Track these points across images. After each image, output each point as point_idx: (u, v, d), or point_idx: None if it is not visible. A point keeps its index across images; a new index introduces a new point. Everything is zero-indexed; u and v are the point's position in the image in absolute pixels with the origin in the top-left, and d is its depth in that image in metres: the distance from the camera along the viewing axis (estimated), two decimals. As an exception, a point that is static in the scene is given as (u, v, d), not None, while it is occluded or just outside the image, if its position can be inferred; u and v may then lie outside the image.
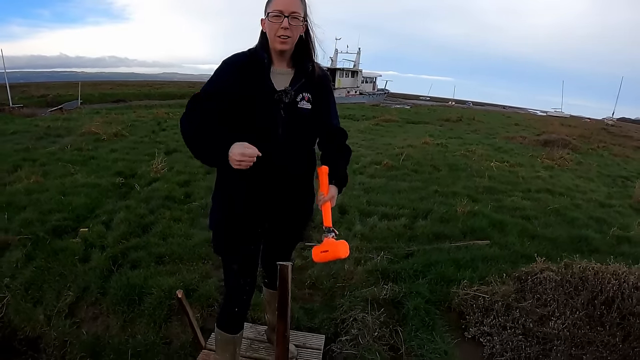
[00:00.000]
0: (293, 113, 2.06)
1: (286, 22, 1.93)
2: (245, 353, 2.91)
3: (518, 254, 4.70)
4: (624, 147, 20.14)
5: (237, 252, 2.27)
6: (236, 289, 2.34)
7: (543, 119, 40.98)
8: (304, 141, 2.18)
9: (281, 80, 2.05)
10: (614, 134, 30.04)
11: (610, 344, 3.27)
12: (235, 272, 2.30)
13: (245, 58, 2.06)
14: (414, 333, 3.30)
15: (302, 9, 2.01)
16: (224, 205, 2.23)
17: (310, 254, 4.25)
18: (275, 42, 1.98)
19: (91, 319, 3.64)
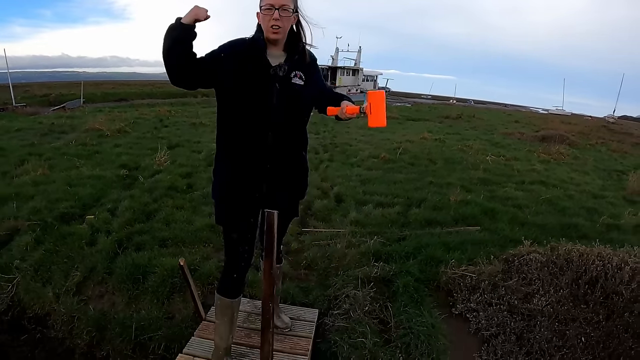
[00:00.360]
0: (287, 86, 2.27)
1: (277, 14, 2.14)
2: (243, 324, 3.11)
3: (507, 239, 4.88)
4: (623, 143, 20.26)
5: (237, 222, 2.46)
6: (235, 256, 2.53)
7: (544, 117, 41.01)
8: (296, 114, 2.38)
9: (276, 60, 2.26)
10: (614, 131, 30.01)
11: (594, 321, 3.45)
12: (235, 241, 2.49)
13: (244, 41, 2.28)
14: (403, 308, 3.50)
15: (292, 1, 2.22)
16: (223, 173, 2.44)
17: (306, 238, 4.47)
18: (268, 32, 2.19)
19: (98, 297, 3.86)
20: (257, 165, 2.35)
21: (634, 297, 3.54)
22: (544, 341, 3.31)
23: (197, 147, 9.56)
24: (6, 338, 3.87)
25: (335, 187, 6.94)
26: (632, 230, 5.87)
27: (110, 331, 3.45)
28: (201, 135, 11.37)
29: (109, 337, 3.44)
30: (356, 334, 3.20)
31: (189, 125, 13.34)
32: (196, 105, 23.75)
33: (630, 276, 3.67)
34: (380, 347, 3.16)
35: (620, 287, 3.60)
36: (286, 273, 4.01)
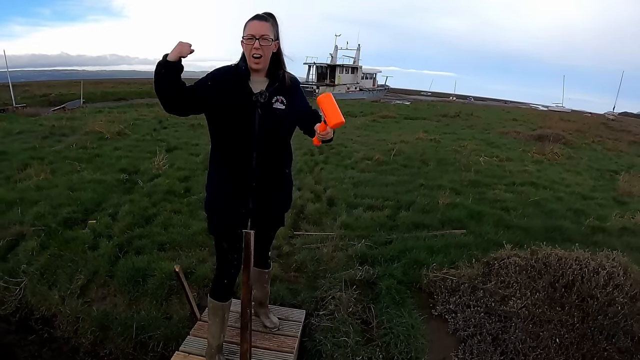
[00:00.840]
0: (268, 112, 2.50)
1: (257, 44, 2.38)
2: (235, 324, 3.34)
3: (491, 242, 5.06)
4: (619, 141, 20.25)
5: (226, 233, 2.72)
6: (225, 263, 2.80)
7: (543, 114, 40.90)
8: (278, 137, 2.61)
9: (258, 87, 2.50)
10: (613, 128, 29.89)
11: (569, 323, 3.65)
12: (225, 250, 2.75)
13: (230, 69, 2.52)
14: (385, 309, 3.74)
15: (272, 31, 2.44)
16: (214, 189, 2.70)
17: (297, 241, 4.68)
18: (250, 61, 2.44)
19: (100, 299, 4.12)
20: (243, 183, 2.59)
21: (609, 301, 3.73)
22: (519, 342, 3.51)
23: (195, 150, 9.75)
24: (14, 338, 4.12)
25: (328, 190, 7.14)
26: (617, 233, 5.98)
27: (113, 331, 3.70)
28: (199, 137, 11.54)
29: (112, 336, 3.70)
30: (340, 333, 3.45)
31: (188, 126, 13.49)
32: (195, 105, 23.88)
33: (605, 280, 3.86)
34: (361, 345, 3.41)
35: (596, 291, 3.79)
36: (277, 275, 4.25)
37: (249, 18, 2.46)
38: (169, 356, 3.25)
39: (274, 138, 2.58)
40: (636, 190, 8.64)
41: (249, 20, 2.44)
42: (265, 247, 3.09)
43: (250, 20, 2.44)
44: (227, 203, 2.66)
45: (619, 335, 3.57)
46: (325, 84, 42.52)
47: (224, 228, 2.72)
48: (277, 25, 2.50)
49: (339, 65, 44.40)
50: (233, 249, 2.74)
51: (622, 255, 4.32)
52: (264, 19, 2.44)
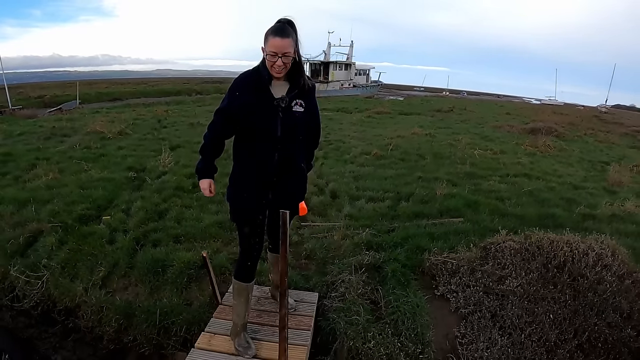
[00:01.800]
0: (289, 115, 2.75)
1: (280, 62, 2.60)
2: (254, 307, 3.61)
3: (487, 229, 5.31)
4: (611, 133, 20.62)
5: (248, 220, 2.98)
6: (248, 247, 3.06)
7: (536, 108, 41.15)
8: (298, 137, 2.87)
9: (279, 90, 2.73)
10: (605, 121, 30.31)
11: (561, 301, 3.94)
12: (247, 234, 3.01)
13: (251, 75, 2.75)
14: (391, 291, 4.02)
15: (293, 45, 2.63)
16: (237, 182, 2.96)
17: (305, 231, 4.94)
18: (272, 71, 2.66)
19: (122, 289, 4.36)
20: (265, 179, 2.85)
21: (598, 279, 4.03)
22: (515, 317, 3.81)
23: (197, 148, 9.76)
24: (35, 331, 4.36)
25: (330, 183, 7.38)
26: (606, 220, 6.21)
27: (137, 318, 3.94)
28: (200, 135, 11.57)
29: (136, 323, 3.93)
30: (351, 313, 3.73)
31: (187, 125, 13.73)
32: (191, 104, 24.05)
33: (594, 260, 4.17)
34: (372, 323, 3.70)
35: (586, 270, 4.09)
36: (289, 263, 4.49)
37: (271, 31, 2.62)
38: (191, 339, 3.51)
39: (294, 138, 2.83)
40: (626, 179, 8.92)
41: (272, 36, 2.60)
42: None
43: (272, 37, 2.59)
44: (249, 194, 2.91)
45: (608, 311, 3.85)
46: (319, 80, 42.67)
47: (246, 216, 2.98)
48: (297, 34, 2.68)
49: (333, 62, 44.49)
50: (255, 234, 3.01)
51: (610, 239, 4.59)
52: (286, 35, 2.59)
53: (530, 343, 3.64)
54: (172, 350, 3.81)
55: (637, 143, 18.02)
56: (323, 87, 41.08)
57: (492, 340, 3.66)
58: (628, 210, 6.66)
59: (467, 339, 3.71)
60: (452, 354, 3.61)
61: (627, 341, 3.73)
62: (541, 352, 3.59)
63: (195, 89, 39.92)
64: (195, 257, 4.43)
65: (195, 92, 37.53)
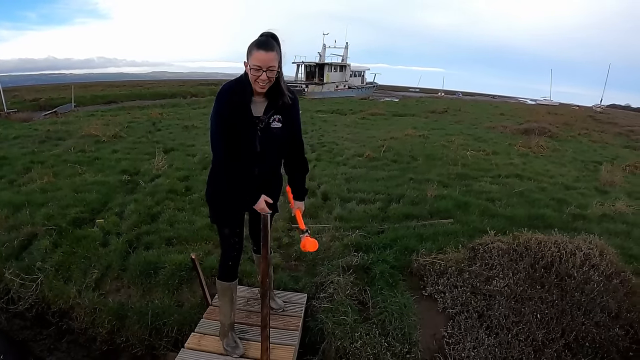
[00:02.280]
0: (267, 132, 2.84)
1: (264, 75, 2.63)
2: (243, 307, 3.71)
3: (476, 230, 5.37)
4: (606, 133, 20.76)
5: (227, 220, 3.09)
6: (228, 247, 3.17)
7: (531, 108, 41.26)
8: (276, 151, 2.97)
9: (259, 107, 2.81)
10: (600, 120, 30.44)
11: (548, 300, 4.00)
12: (226, 235, 3.12)
13: (233, 89, 2.78)
14: (380, 291, 4.09)
15: (277, 59, 2.65)
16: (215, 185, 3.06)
17: (295, 233, 5.01)
18: (255, 86, 2.70)
19: (115, 291, 4.44)
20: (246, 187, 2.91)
21: (585, 279, 4.08)
22: (502, 317, 3.87)
23: (191, 151, 10.03)
24: (30, 333, 4.42)
25: (322, 185, 7.46)
26: (596, 220, 6.29)
27: (129, 319, 4.03)
28: (194, 138, 11.83)
29: (128, 324, 4.02)
30: (339, 313, 3.79)
31: (182, 128, 13.77)
32: (186, 106, 24.03)
33: (582, 260, 4.22)
34: (359, 323, 3.76)
35: (573, 270, 4.15)
36: (278, 264, 4.60)
37: (255, 44, 2.63)
38: (182, 340, 3.56)
39: (273, 153, 2.95)
40: (618, 179, 8.97)
41: (256, 49, 2.61)
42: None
43: (256, 50, 2.60)
44: (228, 197, 2.99)
45: (596, 311, 3.91)
46: (314, 82, 42.82)
47: (226, 217, 3.09)
48: (280, 47, 2.72)
49: (328, 63, 44.66)
50: (234, 234, 3.11)
51: (599, 239, 4.66)
52: (270, 49, 2.61)
53: (518, 343, 3.70)
54: (164, 351, 3.89)
55: (631, 143, 18.13)
56: (318, 89, 41.23)
57: (479, 340, 3.73)
58: (619, 210, 6.72)
59: (454, 339, 3.78)
60: (439, 354, 3.68)
61: (615, 340, 3.80)
62: (529, 352, 3.65)
63: (190, 91, 39.96)
64: (186, 259, 4.48)
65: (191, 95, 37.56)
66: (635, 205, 7.03)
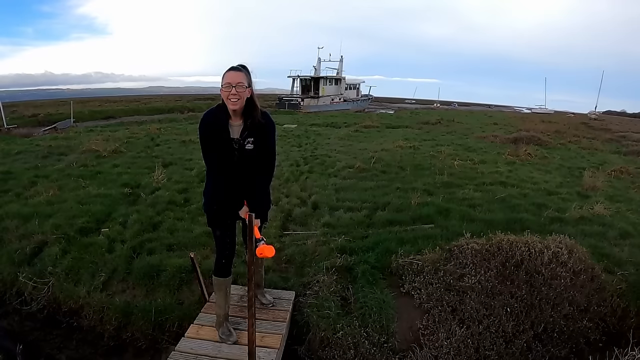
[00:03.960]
0: (242, 151, 3.31)
1: (234, 90, 3.09)
2: (237, 303, 4.13)
3: (455, 233, 5.70)
4: (596, 140, 21.02)
5: (219, 224, 3.58)
6: (221, 247, 3.65)
7: (524, 117, 41.27)
8: (251, 167, 3.40)
9: (236, 129, 3.28)
10: (593, 127, 30.64)
11: (517, 295, 4.41)
12: (219, 236, 3.61)
13: (213, 114, 3.27)
14: (361, 289, 4.53)
15: (246, 79, 3.14)
16: (209, 195, 3.52)
17: (286, 239, 5.40)
18: (229, 103, 3.16)
19: (121, 291, 4.87)
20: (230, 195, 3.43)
21: (553, 275, 4.49)
22: (474, 311, 4.28)
23: (189, 165, 10.39)
24: (40, 334, 4.80)
25: (312, 195, 7.84)
26: (573, 222, 6.59)
27: (135, 316, 4.47)
28: (192, 152, 12.16)
29: (134, 321, 4.47)
30: (324, 308, 4.25)
31: (179, 143, 14.12)
32: (183, 121, 24.49)
33: (550, 258, 4.64)
34: (341, 316, 4.22)
35: (541, 268, 4.56)
36: (269, 266, 5.01)
37: (226, 70, 3.14)
38: (183, 333, 3.95)
39: (249, 168, 3.39)
40: (600, 184, 9.24)
41: (226, 72, 3.12)
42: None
43: (226, 72, 3.12)
44: (219, 204, 3.48)
45: (564, 304, 4.32)
46: (310, 96, 43.06)
47: (218, 221, 3.57)
48: (250, 74, 3.22)
49: (323, 77, 45.01)
50: (226, 235, 3.61)
51: (569, 239, 5.07)
52: (238, 70, 3.13)
53: (489, 334, 4.10)
54: (166, 345, 4.28)
55: (621, 148, 18.36)
56: (314, 103, 41.44)
57: (452, 331, 4.13)
58: (597, 212, 7.02)
59: (428, 330, 4.20)
60: (414, 344, 4.09)
61: (584, 332, 4.21)
62: (499, 343, 4.05)
63: (187, 106, 40.25)
64: (186, 262, 4.90)
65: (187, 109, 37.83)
66: (614, 208, 7.38)
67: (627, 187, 9.90)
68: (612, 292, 4.58)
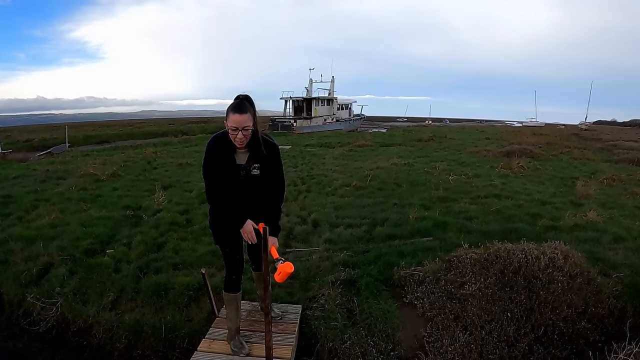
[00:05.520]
0: (249, 177, 3.43)
1: (240, 134, 3.17)
2: (246, 318, 4.23)
3: (453, 245, 5.84)
4: (588, 150, 21.36)
5: (227, 241, 3.65)
6: (231, 263, 3.73)
7: (516, 131, 41.65)
8: (258, 190, 3.51)
9: (242, 157, 3.39)
10: (584, 138, 31.21)
11: (517, 300, 4.53)
12: (228, 253, 3.70)
13: (220, 141, 3.34)
14: (365, 300, 4.64)
15: (251, 119, 3.18)
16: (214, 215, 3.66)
17: (289, 256, 5.52)
18: (235, 142, 3.25)
19: (130, 310, 4.96)
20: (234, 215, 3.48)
21: (550, 279, 4.63)
22: (476, 317, 4.39)
23: (188, 187, 10.56)
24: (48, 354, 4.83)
25: (312, 214, 7.98)
26: (568, 230, 6.76)
27: (145, 333, 4.55)
28: (189, 175, 12.35)
29: (144, 338, 4.54)
30: (330, 319, 4.37)
31: (176, 166, 14.28)
32: (178, 145, 24.68)
33: (546, 263, 4.77)
34: (348, 327, 4.34)
35: (539, 273, 4.69)
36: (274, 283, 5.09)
37: (231, 108, 3.16)
38: (192, 350, 4.03)
39: (256, 193, 3.51)
40: (593, 192, 9.46)
41: (232, 113, 3.14)
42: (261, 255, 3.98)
43: (232, 114, 3.13)
44: (226, 223, 3.55)
45: (562, 307, 4.44)
46: (302, 117, 43.33)
47: (226, 238, 3.65)
48: (254, 107, 3.28)
49: (315, 98, 45.38)
50: (235, 251, 3.69)
51: (564, 245, 5.21)
52: (244, 111, 3.13)
53: (491, 339, 4.20)
54: (176, 361, 4.38)
55: (612, 157, 18.68)
56: (307, 124, 41.66)
57: (455, 337, 4.23)
58: (590, 219, 7.19)
59: (433, 337, 4.30)
60: (420, 351, 4.19)
61: (584, 333, 4.32)
62: (502, 347, 4.14)
63: (181, 130, 40.48)
64: (193, 280, 5.03)
65: (182, 133, 38.01)
66: (607, 214, 7.56)
67: (619, 194, 10.11)
68: (608, 294, 4.70)
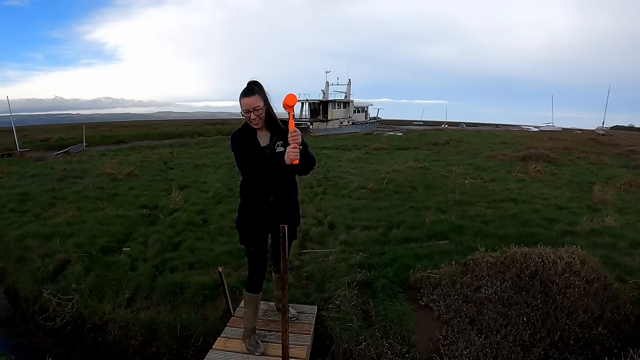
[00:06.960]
0: (275, 155, 3.39)
1: (252, 115, 3.28)
2: (262, 317, 4.21)
3: (469, 248, 5.83)
4: (605, 155, 21.04)
5: (252, 241, 3.64)
6: (255, 264, 3.70)
7: (532, 135, 41.38)
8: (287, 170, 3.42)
9: (264, 139, 3.44)
10: (601, 143, 30.75)
11: (533, 304, 4.48)
12: (253, 253, 3.66)
13: (241, 131, 3.44)
14: (381, 302, 4.61)
15: (261, 99, 3.29)
16: (244, 212, 3.62)
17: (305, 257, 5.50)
18: (251, 124, 3.35)
19: (145, 308, 4.98)
20: (265, 208, 3.52)
21: (567, 284, 4.57)
22: (491, 320, 4.34)
23: (204, 187, 10.64)
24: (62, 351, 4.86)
25: (328, 216, 7.98)
26: (584, 235, 6.70)
27: (160, 331, 4.57)
28: (206, 175, 12.46)
29: (159, 336, 4.56)
30: (346, 321, 4.34)
31: (193, 166, 14.40)
32: (195, 146, 24.85)
33: (563, 268, 4.72)
34: (363, 329, 4.30)
35: (555, 277, 4.64)
36: (291, 283, 5.11)
37: (241, 94, 3.29)
38: (207, 348, 4.03)
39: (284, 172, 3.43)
40: (610, 197, 9.37)
41: (241, 97, 3.28)
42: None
43: (242, 98, 3.28)
44: (253, 221, 3.58)
45: (578, 312, 4.37)
46: (319, 119, 43.34)
47: (252, 238, 3.63)
48: (263, 90, 3.37)
49: (331, 100, 45.28)
50: (259, 252, 3.66)
51: (580, 249, 5.15)
52: (252, 93, 3.27)
53: (507, 343, 4.15)
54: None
55: (629, 162, 18.50)
56: (322, 126, 41.62)
57: (471, 341, 4.18)
58: (607, 224, 7.13)
59: (448, 340, 4.24)
60: (435, 354, 4.14)
61: (599, 339, 4.25)
62: (517, 351, 4.09)
63: (197, 131, 40.74)
64: (209, 280, 5.05)
65: (198, 134, 38.26)
66: (624, 220, 7.48)
67: (637, 199, 10.00)
68: (625, 300, 4.63)
